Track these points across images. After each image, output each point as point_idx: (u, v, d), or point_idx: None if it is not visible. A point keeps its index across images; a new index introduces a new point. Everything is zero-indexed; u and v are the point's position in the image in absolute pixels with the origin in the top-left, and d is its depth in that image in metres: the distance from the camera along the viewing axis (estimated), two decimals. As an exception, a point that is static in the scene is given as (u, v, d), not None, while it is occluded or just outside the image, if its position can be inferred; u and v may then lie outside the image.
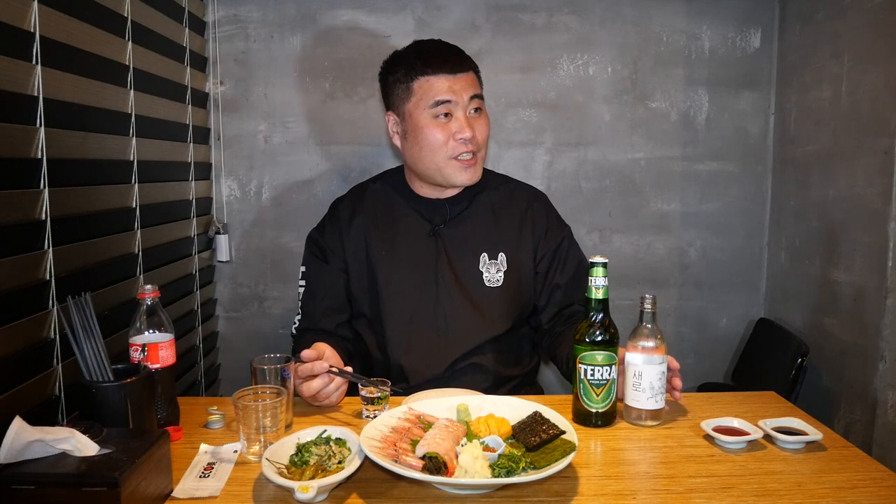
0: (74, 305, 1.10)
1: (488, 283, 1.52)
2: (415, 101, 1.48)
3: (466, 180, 1.50)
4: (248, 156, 2.24)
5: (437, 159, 1.48)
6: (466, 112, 1.47)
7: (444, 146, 1.47)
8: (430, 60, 1.47)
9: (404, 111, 1.50)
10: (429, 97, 1.46)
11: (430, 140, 1.47)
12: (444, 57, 1.48)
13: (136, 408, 1.08)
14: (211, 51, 2.17)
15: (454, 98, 1.46)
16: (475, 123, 1.48)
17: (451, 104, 1.46)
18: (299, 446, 1.05)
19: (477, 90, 1.50)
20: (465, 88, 1.47)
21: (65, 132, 1.32)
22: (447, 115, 1.46)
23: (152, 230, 1.72)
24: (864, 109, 1.81)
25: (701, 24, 2.26)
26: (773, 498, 0.98)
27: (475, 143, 1.48)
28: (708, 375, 2.33)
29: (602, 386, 1.21)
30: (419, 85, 1.47)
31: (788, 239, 2.22)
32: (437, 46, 1.53)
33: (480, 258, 1.53)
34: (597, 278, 1.21)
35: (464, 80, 1.47)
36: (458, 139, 1.46)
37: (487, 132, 1.52)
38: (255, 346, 2.30)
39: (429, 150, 1.48)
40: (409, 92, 1.49)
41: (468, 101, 1.47)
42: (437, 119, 1.46)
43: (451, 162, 1.48)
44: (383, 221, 1.57)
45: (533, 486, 1.01)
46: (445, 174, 1.50)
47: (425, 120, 1.47)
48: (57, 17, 1.29)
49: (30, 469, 0.87)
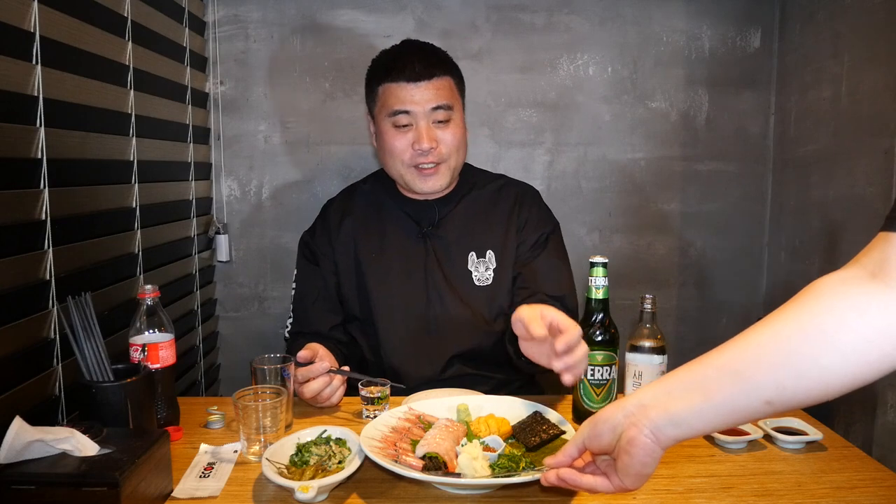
0: (74, 305, 1.10)
1: (478, 282, 1.51)
2: (379, 106, 1.48)
3: (428, 189, 1.48)
4: (248, 156, 2.24)
5: (398, 166, 1.47)
6: (429, 122, 1.43)
7: (402, 154, 1.45)
8: (392, 67, 1.45)
9: (374, 115, 1.51)
10: (388, 106, 1.44)
11: (389, 147, 1.46)
12: (406, 64, 1.43)
13: (136, 408, 1.08)
14: (211, 51, 2.17)
15: (412, 108, 1.42)
16: (439, 134, 1.44)
17: (409, 115, 1.43)
18: (299, 446, 1.05)
19: (443, 100, 1.44)
20: (427, 98, 1.42)
21: (65, 132, 1.31)
22: (407, 125, 1.44)
23: (152, 230, 1.72)
24: (864, 109, 1.81)
25: (701, 24, 2.26)
26: (773, 498, 0.98)
27: (436, 154, 1.45)
28: (708, 375, 2.33)
29: (602, 386, 1.21)
30: (382, 91, 1.46)
31: (788, 239, 2.22)
32: (403, 52, 1.48)
33: (469, 257, 1.51)
34: (597, 278, 1.21)
35: (427, 88, 1.42)
36: (415, 149, 1.44)
37: (457, 141, 1.47)
38: (255, 346, 2.30)
39: (390, 157, 1.48)
40: (375, 97, 1.49)
41: (430, 111, 1.43)
42: (396, 128, 1.45)
43: (410, 170, 1.47)
44: (373, 223, 1.56)
45: (533, 486, 1.01)
46: (407, 180, 1.49)
47: (386, 127, 1.46)
48: (57, 17, 1.29)
49: (30, 469, 0.87)
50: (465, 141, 1.51)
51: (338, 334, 1.53)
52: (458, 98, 1.50)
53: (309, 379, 1.26)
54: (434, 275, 1.50)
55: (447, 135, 1.45)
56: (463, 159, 1.53)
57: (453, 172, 1.50)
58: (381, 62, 1.50)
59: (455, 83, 1.50)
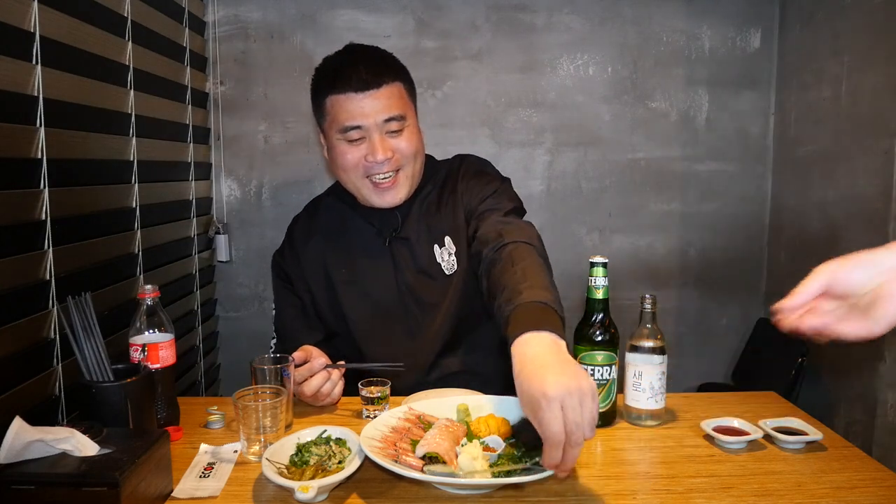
0: (74, 305, 1.10)
1: (447, 271, 1.46)
2: (329, 121, 1.39)
3: (386, 204, 1.42)
4: (248, 156, 2.24)
5: (353, 180, 1.40)
6: (381, 133, 1.35)
7: (356, 167, 1.38)
8: (337, 77, 1.36)
9: (324, 130, 1.43)
10: (339, 121, 1.36)
11: (342, 163, 1.39)
12: (352, 73, 1.34)
13: (136, 408, 1.08)
14: (211, 51, 2.17)
15: (363, 122, 1.34)
16: (393, 143, 1.37)
17: (360, 129, 1.35)
18: (299, 446, 1.05)
19: (395, 110, 1.36)
20: (377, 110, 1.34)
21: (65, 132, 1.32)
22: (359, 139, 1.36)
23: (152, 230, 1.72)
24: (864, 109, 1.81)
25: (701, 24, 2.26)
26: (773, 498, 0.98)
27: (393, 163, 1.37)
28: (708, 375, 2.33)
29: (602, 386, 1.21)
30: (330, 104, 1.37)
31: (788, 239, 2.22)
32: (347, 60, 1.39)
33: (434, 251, 1.46)
34: (597, 278, 1.21)
35: (377, 97, 1.34)
36: (369, 161, 1.36)
37: (413, 149, 1.39)
38: (255, 346, 2.29)
39: (344, 172, 1.41)
40: (324, 111, 1.40)
41: (382, 122, 1.35)
42: (349, 142, 1.37)
43: (365, 182, 1.40)
44: (338, 237, 1.52)
45: (533, 486, 1.01)
46: (364, 195, 1.42)
47: (337, 142, 1.38)
48: (57, 17, 1.29)
49: (30, 469, 0.87)
50: (421, 146, 1.44)
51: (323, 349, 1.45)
52: (409, 105, 1.42)
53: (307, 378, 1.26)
54: (405, 279, 1.46)
55: (402, 143, 1.38)
56: (421, 165, 1.46)
57: (412, 181, 1.43)
58: (324, 72, 1.41)
59: (406, 88, 1.42)
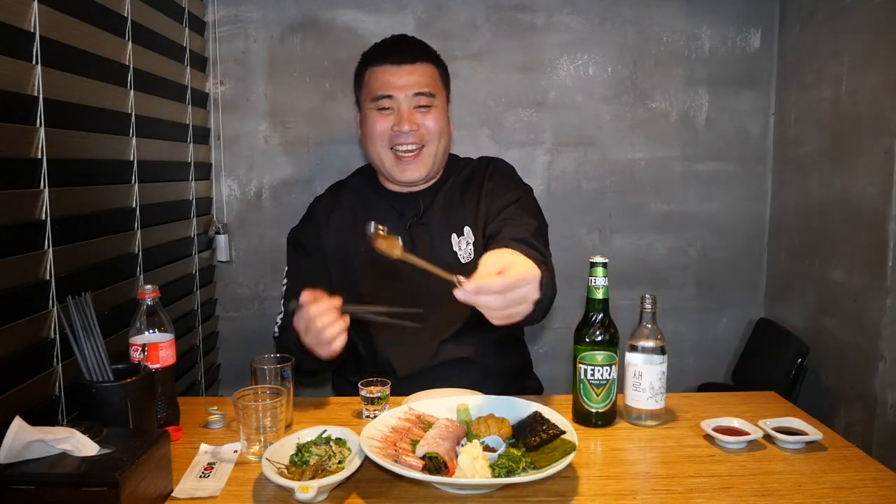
0: (74, 305, 1.10)
1: (463, 260, 1.50)
2: (364, 92, 1.51)
3: (406, 178, 1.49)
4: (248, 156, 2.24)
5: (378, 149, 1.48)
6: (410, 106, 1.46)
7: (382, 136, 1.47)
8: (377, 51, 1.49)
9: (360, 104, 1.55)
10: (372, 89, 1.47)
11: (370, 130, 1.48)
12: (392, 48, 1.48)
13: (136, 408, 1.08)
14: (211, 51, 2.17)
15: (395, 93, 1.45)
16: (419, 118, 1.46)
17: (391, 99, 1.46)
18: (299, 446, 1.05)
19: (425, 87, 1.47)
20: (409, 84, 1.45)
21: (65, 132, 1.31)
22: (388, 109, 1.46)
23: (152, 230, 1.72)
24: (864, 109, 1.81)
25: (701, 24, 2.26)
26: (773, 498, 0.98)
27: (417, 137, 1.46)
28: (708, 375, 2.33)
29: (602, 386, 1.21)
30: (367, 76, 1.50)
31: (788, 239, 2.22)
32: (391, 38, 1.54)
33: (451, 239, 1.51)
34: (597, 278, 1.21)
35: (410, 72, 1.46)
36: (395, 131, 1.46)
37: (438, 128, 1.49)
38: (255, 346, 2.30)
39: (371, 141, 1.49)
40: (361, 83, 1.53)
41: (412, 96, 1.45)
42: (379, 111, 1.47)
43: (389, 153, 1.48)
44: (360, 218, 1.54)
45: (533, 486, 1.01)
46: (387, 167, 1.50)
47: (369, 110, 1.49)
48: (57, 17, 1.29)
49: (30, 469, 0.87)
50: (447, 131, 1.53)
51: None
52: (441, 89, 1.52)
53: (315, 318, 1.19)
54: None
55: (428, 120, 1.47)
56: (444, 150, 1.53)
57: (434, 161, 1.50)
58: (369, 50, 1.54)
59: (439, 74, 1.52)
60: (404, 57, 1.46)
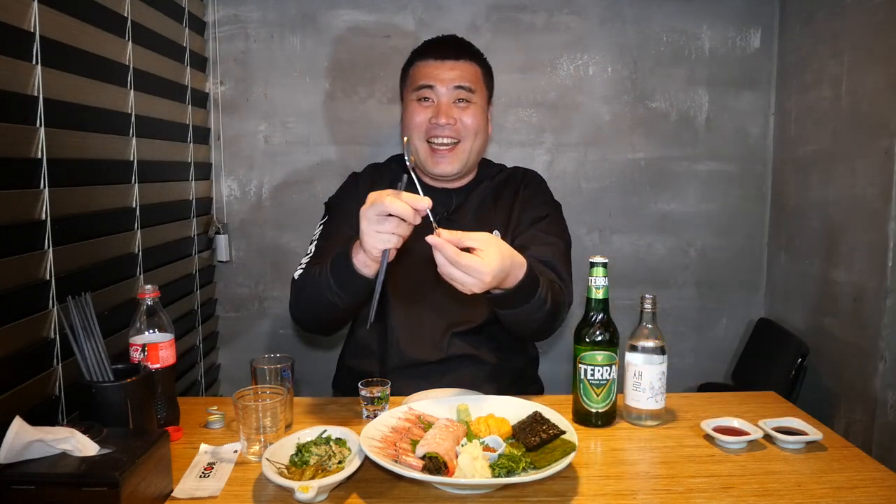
0: (74, 305, 1.10)
1: None
2: (407, 85, 1.55)
3: (439, 171, 1.51)
4: (248, 156, 2.24)
5: (415, 141, 1.51)
6: (450, 100, 1.49)
7: (420, 127, 1.49)
8: (424, 46, 1.54)
9: (403, 95, 1.58)
10: (415, 82, 1.51)
11: (408, 120, 1.51)
12: (438, 45, 1.52)
13: (136, 408, 1.08)
14: (211, 51, 2.17)
15: (435, 84, 1.48)
16: (457, 113, 1.49)
17: (431, 90, 1.49)
18: (299, 446, 1.05)
19: (465, 81, 1.50)
20: (451, 78, 1.49)
21: (65, 132, 1.31)
22: (428, 100, 1.49)
23: (152, 230, 1.72)
24: (864, 109, 1.81)
25: (701, 24, 2.26)
26: (773, 498, 0.98)
27: (453, 130, 1.48)
28: (708, 375, 2.33)
29: (602, 386, 1.21)
30: (413, 69, 1.54)
31: (788, 239, 2.22)
32: (440, 37, 1.58)
33: None
34: (597, 278, 1.21)
35: (452, 67, 1.49)
36: (432, 122, 1.48)
37: (476, 125, 1.51)
38: (255, 346, 2.30)
39: (408, 131, 1.52)
40: (406, 77, 1.57)
41: (452, 89, 1.49)
42: (419, 102, 1.50)
43: (425, 145, 1.50)
44: None
45: (533, 486, 1.01)
46: (422, 159, 1.52)
47: (410, 101, 1.52)
48: (57, 17, 1.29)
49: (30, 469, 0.87)
50: (484, 130, 1.55)
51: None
52: (482, 87, 1.55)
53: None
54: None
55: (466, 116, 1.50)
56: (480, 148, 1.56)
57: (468, 157, 1.52)
58: (417, 48, 1.58)
59: (482, 73, 1.56)
60: (448, 53, 1.50)
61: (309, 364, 2.15)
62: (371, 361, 1.52)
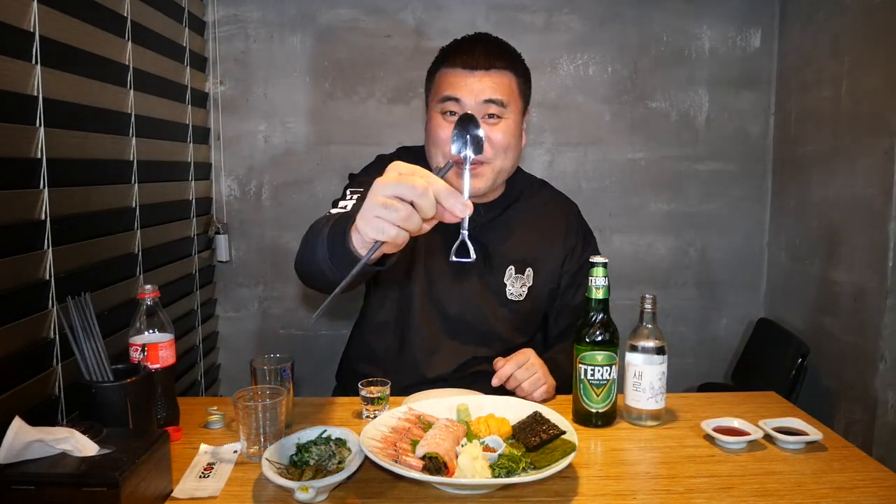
0: (74, 305, 1.10)
1: (510, 296, 1.46)
2: (433, 92, 1.41)
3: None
4: (248, 156, 2.24)
5: (439, 157, 1.38)
6: (479, 115, 1.33)
7: (445, 143, 1.33)
8: (452, 51, 1.37)
9: (428, 102, 1.44)
10: (440, 91, 1.36)
11: (433, 136, 1.38)
12: (466, 50, 1.35)
13: (136, 408, 1.08)
14: (211, 51, 2.17)
15: (462, 97, 1.33)
16: (488, 129, 1.33)
17: (458, 103, 1.34)
18: (299, 446, 1.05)
19: (497, 94, 1.34)
20: (481, 89, 1.33)
21: (65, 132, 1.31)
22: (455, 113, 1.34)
23: (152, 230, 1.72)
24: (864, 109, 1.81)
25: (701, 24, 2.26)
26: (774, 498, 0.98)
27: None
28: (708, 375, 2.33)
29: (602, 386, 1.21)
30: (438, 76, 1.39)
31: (788, 239, 2.22)
32: (468, 39, 1.40)
33: (507, 271, 1.46)
34: (597, 278, 1.21)
35: (483, 79, 1.33)
36: None
37: (506, 143, 1.36)
38: (255, 346, 2.30)
39: (433, 146, 1.39)
40: (432, 83, 1.42)
41: (481, 103, 1.33)
42: (444, 115, 1.35)
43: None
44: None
45: (533, 486, 1.01)
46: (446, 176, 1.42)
47: (435, 113, 1.38)
48: (57, 17, 1.29)
49: (30, 469, 0.87)
50: (517, 145, 1.41)
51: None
52: (517, 98, 1.40)
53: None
54: (469, 277, 1.45)
55: (496, 133, 1.35)
56: (512, 165, 1.42)
57: (497, 176, 1.40)
58: (445, 49, 1.42)
59: (518, 82, 1.40)
60: (479, 61, 1.33)
61: (309, 364, 2.15)
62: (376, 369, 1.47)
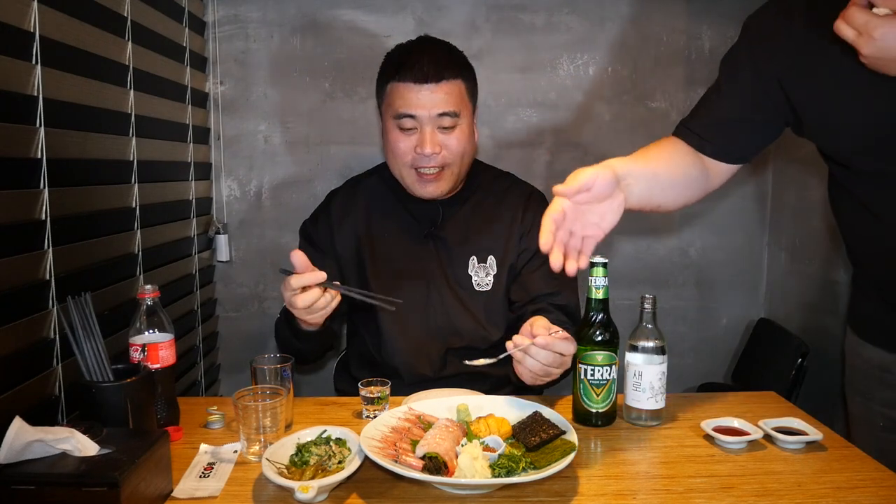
0: (74, 305, 1.10)
1: (477, 287, 1.49)
2: (385, 104, 1.45)
3: (427, 195, 1.46)
4: (248, 156, 2.24)
5: (400, 167, 1.45)
6: (434, 127, 1.39)
7: (404, 156, 1.42)
8: (401, 65, 1.40)
9: (381, 112, 1.49)
10: (394, 107, 1.41)
11: (393, 148, 1.43)
12: (415, 63, 1.38)
13: (136, 408, 1.08)
14: (211, 51, 2.17)
15: (417, 113, 1.38)
16: (443, 139, 1.41)
17: (413, 119, 1.39)
18: (299, 446, 1.05)
19: (450, 106, 1.39)
20: (433, 103, 1.38)
21: (65, 132, 1.31)
22: (411, 129, 1.40)
23: (152, 230, 1.72)
24: (864, 109, 1.80)
25: (701, 24, 2.26)
26: (773, 498, 0.98)
27: (439, 159, 1.41)
28: (708, 375, 2.33)
29: (602, 386, 1.21)
30: (389, 89, 1.43)
31: (788, 239, 2.22)
32: (414, 50, 1.43)
33: (469, 261, 1.50)
34: (597, 278, 1.21)
35: (434, 91, 1.38)
36: (418, 153, 1.41)
37: (462, 148, 1.43)
38: (255, 346, 2.30)
39: (392, 157, 1.45)
40: (383, 94, 1.46)
41: (435, 117, 1.39)
42: (401, 130, 1.41)
43: (411, 172, 1.44)
44: (375, 219, 1.54)
45: (533, 486, 1.01)
46: (408, 183, 1.46)
47: (391, 127, 1.43)
48: (57, 17, 1.29)
49: (30, 469, 0.87)
50: (471, 145, 1.47)
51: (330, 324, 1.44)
52: (467, 103, 1.45)
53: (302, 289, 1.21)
54: (435, 275, 1.50)
55: (452, 140, 1.42)
56: (468, 164, 1.50)
57: (456, 178, 1.48)
58: (391, 58, 1.45)
59: (466, 87, 1.45)
60: (428, 74, 1.37)
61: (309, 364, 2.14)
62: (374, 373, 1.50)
